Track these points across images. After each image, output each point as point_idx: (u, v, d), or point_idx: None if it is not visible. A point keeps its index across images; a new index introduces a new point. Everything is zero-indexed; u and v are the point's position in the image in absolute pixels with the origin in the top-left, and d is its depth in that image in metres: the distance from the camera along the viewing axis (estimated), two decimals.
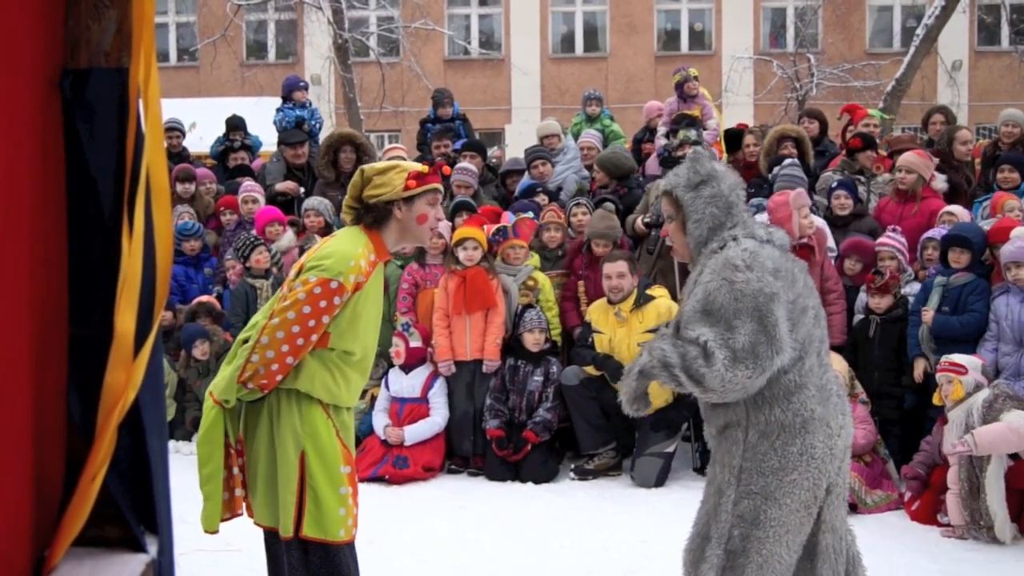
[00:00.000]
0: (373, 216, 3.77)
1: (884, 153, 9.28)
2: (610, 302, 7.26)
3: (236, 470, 3.79)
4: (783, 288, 3.38)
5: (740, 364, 3.29)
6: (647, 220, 8.15)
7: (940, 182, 8.25)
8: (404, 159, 9.98)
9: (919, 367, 6.84)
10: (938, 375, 6.20)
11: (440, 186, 3.91)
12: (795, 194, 7.30)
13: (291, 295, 3.62)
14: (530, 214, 8.09)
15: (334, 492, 3.69)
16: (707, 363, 3.31)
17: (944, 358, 6.22)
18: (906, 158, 8.17)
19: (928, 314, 6.82)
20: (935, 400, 6.28)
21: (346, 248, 3.69)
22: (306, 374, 3.68)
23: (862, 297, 7.26)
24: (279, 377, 3.63)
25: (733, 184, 3.63)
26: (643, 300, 7.18)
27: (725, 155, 10.35)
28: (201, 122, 14.94)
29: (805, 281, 3.52)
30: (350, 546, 3.79)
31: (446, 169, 9.19)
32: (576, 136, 10.65)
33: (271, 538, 3.88)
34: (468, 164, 9.37)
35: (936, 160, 8.39)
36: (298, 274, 3.69)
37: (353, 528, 3.78)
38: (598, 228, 7.86)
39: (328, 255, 3.65)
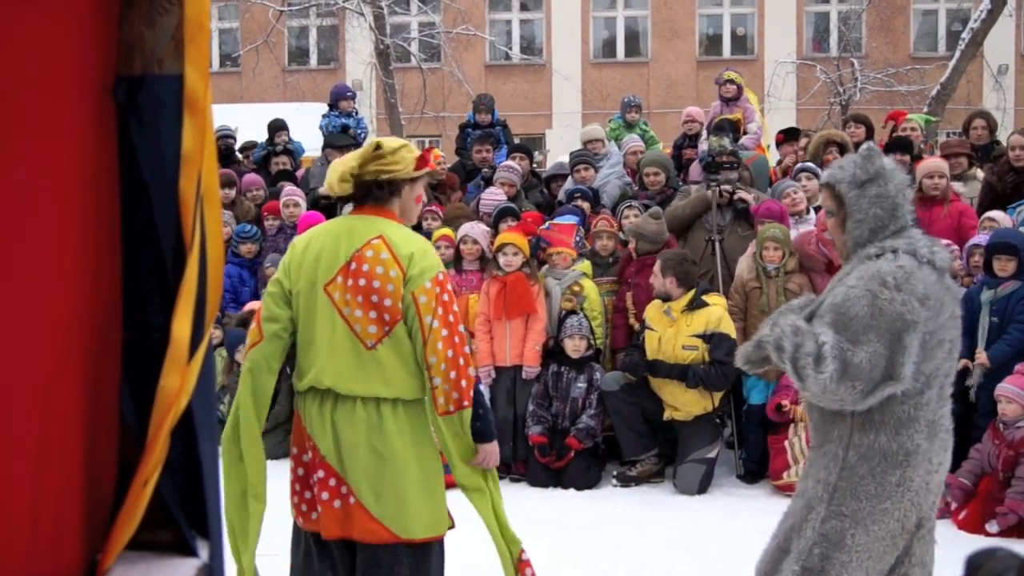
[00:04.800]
0: (386, 192, 3.67)
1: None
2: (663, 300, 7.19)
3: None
4: (926, 318, 3.24)
5: (848, 381, 3.19)
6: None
7: (959, 185, 8.19)
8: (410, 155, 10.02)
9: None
10: None
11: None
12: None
13: (426, 308, 3.50)
14: (570, 218, 8.07)
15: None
16: (815, 367, 3.20)
17: None
18: (936, 164, 8.06)
19: (982, 356, 6.71)
20: None
21: (417, 239, 3.66)
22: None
23: None
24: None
25: (900, 184, 3.45)
26: (696, 304, 7.09)
27: (771, 156, 10.38)
28: (243, 128, 15.06)
29: (953, 311, 3.36)
30: None
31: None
32: (617, 140, 10.64)
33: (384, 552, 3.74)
34: (514, 163, 9.48)
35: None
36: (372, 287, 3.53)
37: None
38: (640, 228, 7.80)
39: (422, 253, 3.58)
